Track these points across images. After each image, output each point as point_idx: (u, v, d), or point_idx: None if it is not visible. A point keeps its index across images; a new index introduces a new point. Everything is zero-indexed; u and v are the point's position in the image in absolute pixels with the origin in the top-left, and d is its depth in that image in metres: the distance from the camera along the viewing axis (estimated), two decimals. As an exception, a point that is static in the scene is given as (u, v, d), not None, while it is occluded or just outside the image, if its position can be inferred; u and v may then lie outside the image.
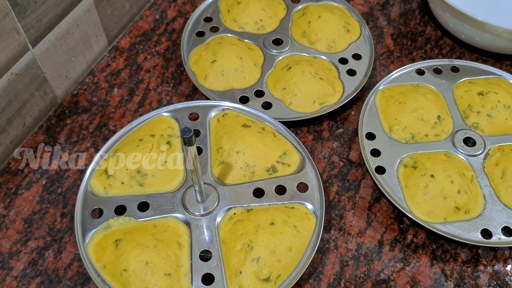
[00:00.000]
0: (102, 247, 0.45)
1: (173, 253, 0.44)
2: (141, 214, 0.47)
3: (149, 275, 0.42)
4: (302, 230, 0.46)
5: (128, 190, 0.49)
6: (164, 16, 0.71)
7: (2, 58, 0.49)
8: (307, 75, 0.58)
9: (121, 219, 0.47)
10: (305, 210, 0.48)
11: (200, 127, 0.54)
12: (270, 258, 0.44)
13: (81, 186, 0.49)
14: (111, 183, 0.49)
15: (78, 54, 0.61)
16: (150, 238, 0.44)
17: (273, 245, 0.44)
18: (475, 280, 0.49)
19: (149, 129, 0.52)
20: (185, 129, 0.37)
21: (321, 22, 0.64)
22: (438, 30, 0.71)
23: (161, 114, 0.55)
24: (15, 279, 0.47)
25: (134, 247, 0.43)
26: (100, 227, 0.46)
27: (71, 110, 0.60)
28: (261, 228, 0.45)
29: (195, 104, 0.56)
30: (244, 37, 0.64)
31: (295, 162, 0.51)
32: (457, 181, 0.50)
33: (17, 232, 0.50)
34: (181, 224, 0.47)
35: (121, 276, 0.43)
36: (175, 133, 0.53)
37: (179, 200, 0.48)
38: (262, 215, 0.46)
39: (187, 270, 0.44)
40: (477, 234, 0.49)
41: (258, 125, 0.53)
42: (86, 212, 0.47)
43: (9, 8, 0.47)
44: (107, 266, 0.44)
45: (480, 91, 0.58)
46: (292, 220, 0.46)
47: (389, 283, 0.48)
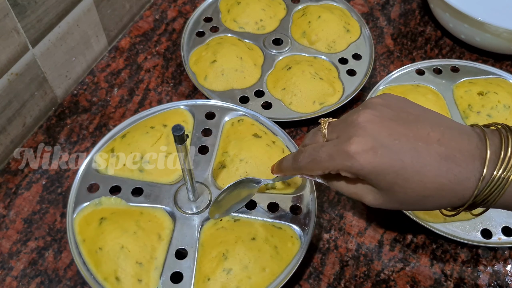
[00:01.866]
0: (87, 221, 0.46)
1: (150, 244, 0.45)
2: (133, 198, 0.48)
3: (121, 259, 0.43)
4: (282, 252, 0.45)
5: (128, 173, 0.50)
6: (164, 16, 0.71)
7: (2, 58, 0.49)
8: (307, 75, 0.58)
9: (113, 199, 0.48)
10: (292, 233, 0.47)
11: (213, 127, 0.54)
12: (241, 272, 0.43)
13: (87, 158, 0.50)
14: (113, 162, 0.50)
15: (78, 54, 0.61)
16: (132, 224, 0.45)
17: (247, 260, 0.43)
18: (475, 280, 0.49)
19: (163, 119, 0.53)
20: (177, 127, 0.37)
21: (321, 22, 0.64)
22: (438, 30, 0.71)
23: (179, 106, 0.55)
24: (15, 279, 0.47)
25: (115, 229, 0.44)
26: (92, 202, 0.48)
27: (71, 110, 0.60)
28: (241, 240, 0.44)
29: (214, 103, 0.56)
30: (244, 37, 0.64)
31: (296, 183, 0.50)
32: (457, 181, 0.50)
33: (17, 232, 0.50)
34: (167, 218, 0.47)
35: (95, 253, 0.44)
36: (188, 128, 0.53)
37: (172, 194, 0.49)
38: (247, 227, 0.46)
39: (159, 264, 0.44)
40: (477, 234, 0.49)
41: (269, 137, 0.52)
42: (83, 184, 0.49)
43: (9, 8, 0.47)
44: (86, 240, 0.45)
45: (480, 91, 0.58)
46: (274, 240, 0.45)
47: (389, 283, 0.48)
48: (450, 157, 0.33)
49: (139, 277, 0.43)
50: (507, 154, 0.32)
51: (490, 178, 0.32)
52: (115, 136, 0.52)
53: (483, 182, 0.32)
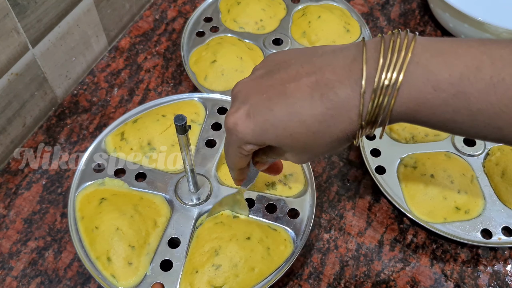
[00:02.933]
0: (88, 199, 0.47)
1: (145, 229, 0.45)
2: (136, 183, 0.49)
3: (115, 240, 0.44)
4: (274, 255, 0.45)
5: (134, 157, 0.51)
6: (164, 16, 0.71)
7: (2, 58, 0.49)
8: (307, 75, 0.58)
9: (116, 181, 0.49)
10: (286, 236, 0.47)
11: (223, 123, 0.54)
12: (230, 270, 0.43)
13: (97, 138, 0.52)
14: (122, 145, 0.51)
15: (78, 54, 0.61)
16: (130, 208, 0.46)
17: (238, 258, 0.43)
18: (475, 280, 0.49)
19: (176, 108, 0.54)
20: (179, 117, 0.37)
21: (321, 22, 0.64)
22: (438, 30, 0.71)
23: (193, 98, 0.56)
24: (15, 279, 0.47)
25: (113, 210, 0.46)
26: (96, 181, 0.49)
27: (71, 110, 0.60)
28: (235, 239, 0.44)
29: (228, 99, 0.56)
30: (244, 37, 0.64)
31: (298, 187, 0.50)
32: (457, 181, 0.50)
33: (17, 232, 0.50)
34: (166, 206, 0.48)
35: (91, 232, 0.45)
36: (198, 120, 0.54)
37: (174, 183, 0.49)
38: (244, 226, 0.46)
39: (151, 250, 0.45)
40: (477, 234, 0.49)
41: None
42: (90, 164, 0.50)
43: (9, 8, 0.47)
44: (85, 218, 0.46)
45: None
46: (268, 242, 0.45)
47: (389, 283, 0.48)
48: (320, 83, 0.30)
49: (130, 260, 0.44)
50: (387, 58, 0.28)
51: (372, 89, 0.28)
52: (127, 121, 0.53)
53: (365, 95, 0.29)
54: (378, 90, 0.28)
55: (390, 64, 0.28)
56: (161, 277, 0.44)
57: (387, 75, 0.28)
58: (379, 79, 0.28)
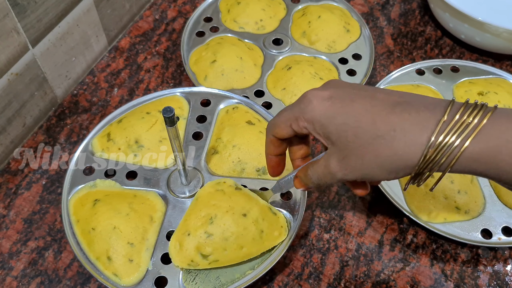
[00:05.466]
0: (82, 202, 0.47)
1: (142, 226, 0.46)
2: (128, 182, 0.49)
3: (113, 239, 0.44)
4: (266, 239, 0.45)
5: (123, 157, 0.51)
6: (164, 16, 0.71)
7: (2, 58, 0.49)
8: (307, 75, 0.58)
9: (107, 182, 0.49)
10: (283, 223, 0.46)
11: (208, 114, 0.55)
12: (220, 242, 0.43)
13: (83, 141, 0.52)
14: (109, 146, 0.51)
15: (78, 54, 0.61)
16: (125, 206, 0.46)
17: (229, 233, 0.43)
18: (475, 280, 0.49)
19: (159, 105, 0.54)
20: (167, 109, 0.38)
21: (321, 22, 0.64)
22: (438, 30, 0.71)
23: (175, 93, 0.56)
24: (15, 279, 0.47)
25: (108, 210, 0.46)
26: (87, 184, 0.49)
27: (71, 110, 0.60)
28: (232, 212, 0.44)
29: (210, 91, 0.56)
30: (244, 37, 0.64)
31: (287, 169, 0.50)
32: (457, 181, 0.50)
33: (17, 232, 0.50)
34: (160, 201, 0.48)
35: (88, 234, 0.45)
36: (183, 114, 0.54)
37: (165, 178, 0.50)
38: (243, 201, 0.45)
39: (150, 245, 0.45)
40: (477, 234, 0.49)
41: (263, 124, 0.53)
42: (79, 167, 0.50)
43: (9, 8, 0.47)
44: (80, 221, 0.46)
45: (480, 91, 0.58)
46: (263, 225, 0.45)
47: (389, 283, 0.48)
48: (403, 104, 0.31)
49: (130, 257, 0.44)
50: (454, 119, 0.30)
51: (437, 143, 0.30)
52: (112, 121, 0.53)
53: (431, 147, 0.30)
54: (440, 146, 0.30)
55: (460, 126, 0.30)
56: (163, 270, 0.44)
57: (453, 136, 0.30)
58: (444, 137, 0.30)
